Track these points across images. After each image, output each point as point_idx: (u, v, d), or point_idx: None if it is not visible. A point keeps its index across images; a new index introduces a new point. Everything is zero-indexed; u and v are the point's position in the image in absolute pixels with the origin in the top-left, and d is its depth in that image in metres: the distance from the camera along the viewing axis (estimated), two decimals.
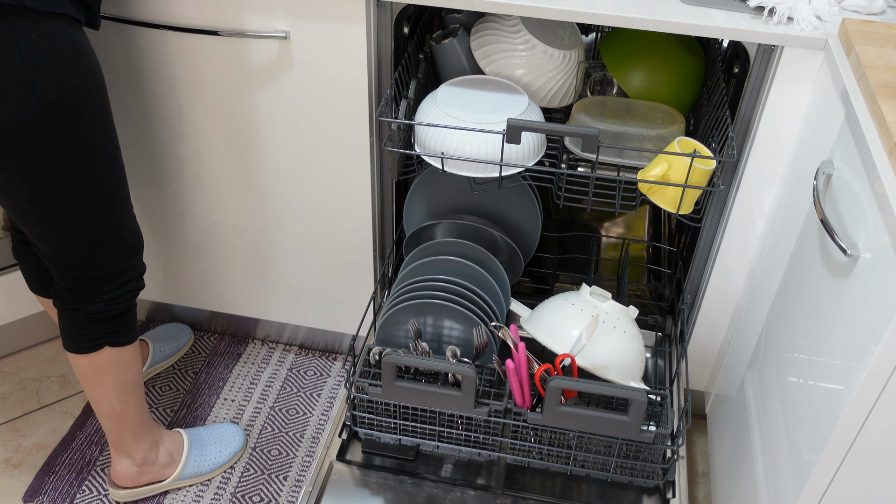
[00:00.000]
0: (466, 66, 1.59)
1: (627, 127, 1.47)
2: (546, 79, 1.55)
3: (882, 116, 1.02)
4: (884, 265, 0.93)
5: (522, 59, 1.54)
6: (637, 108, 1.56)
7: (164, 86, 1.56)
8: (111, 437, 1.54)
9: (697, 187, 1.36)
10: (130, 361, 1.47)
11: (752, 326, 1.47)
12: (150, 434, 1.58)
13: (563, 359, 1.35)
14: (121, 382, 1.46)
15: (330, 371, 1.95)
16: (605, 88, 1.78)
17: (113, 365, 1.44)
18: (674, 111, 1.54)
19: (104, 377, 1.45)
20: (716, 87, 1.54)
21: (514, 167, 1.44)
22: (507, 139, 1.34)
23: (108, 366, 1.43)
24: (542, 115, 1.49)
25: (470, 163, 1.43)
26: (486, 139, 1.40)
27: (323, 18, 1.41)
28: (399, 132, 1.50)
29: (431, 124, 1.41)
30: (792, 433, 1.16)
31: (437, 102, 1.45)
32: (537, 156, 1.48)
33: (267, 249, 1.77)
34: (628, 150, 1.46)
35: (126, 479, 1.59)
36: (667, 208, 1.39)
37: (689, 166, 1.33)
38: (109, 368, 1.44)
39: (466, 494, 1.45)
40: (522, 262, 1.67)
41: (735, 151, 1.36)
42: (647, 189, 1.39)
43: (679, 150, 1.35)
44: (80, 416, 1.81)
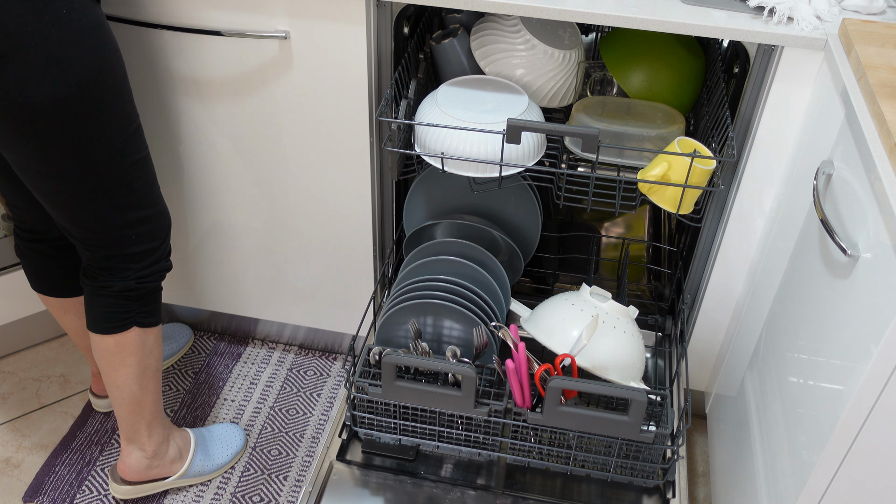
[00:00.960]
0: (466, 66, 1.60)
1: (627, 127, 1.47)
2: (546, 79, 1.56)
3: (882, 116, 1.02)
4: (884, 265, 0.93)
5: (522, 59, 1.54)
6: (637, 108, 1.56)
7: (164, 86, 1.56)
8: (125, 426, 1.54)
9: (697, 187, 1.36)
10: (154, 344, 1.48)
11: (752, 326, 1.47)
12: (163, 426, 1.58)
13: (563, 359, 1.35)
14: (143, 365, 1.47)
15: (330, 371, 1.95)
16: (605, 88, 1.77)
17: (139, 346, 1.44)
18: (674, 111, 1.54)
19: (129, 359, 1.45)
20: (716, 87, 1.54)
21: (514, 167, 1.44)
22: (507, 139, 1.34)
23: (133, 347, 1.44)
24: (542, 115, 1.49)
25: (470, 163, 1.43)
26: (486, 139, 1.40)
27: (323, 18, 1.41)
28: (399, 132, 1.50)
29: (431, 124, 1.41)
30: (792, 433, 1.16)
31: (437, 102, 1.45)
32: (537, 156, 1.48)
33: (267, 249, 1.77)
34: (628, 150, 1.46)
35: (134, 472, 1.58)
36: (667, 208, 1.39)
37: (689, 166, 1.33)
38: (135, 350, 1.44)
39: (466, 494, 1.45)
40: (522, 262, 1.67)
41: (735, 151, 1.36)
42: (647, 189, 1.39)
43: (679, 150, 1.35)
44: (80, 416, 1.81)
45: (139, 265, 1.38)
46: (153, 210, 1.37)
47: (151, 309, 1.44)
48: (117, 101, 1.24)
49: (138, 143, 1.30)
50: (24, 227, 1.51)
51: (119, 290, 1.38)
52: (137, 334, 1.43)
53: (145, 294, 1.41)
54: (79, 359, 1.96)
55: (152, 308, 1.44)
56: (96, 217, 1.30)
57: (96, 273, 1.37)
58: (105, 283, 1.38)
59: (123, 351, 1.44)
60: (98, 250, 1.35)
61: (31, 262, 1.56)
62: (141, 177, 1.32)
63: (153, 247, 1.38)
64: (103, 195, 1.28)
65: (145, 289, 1.40)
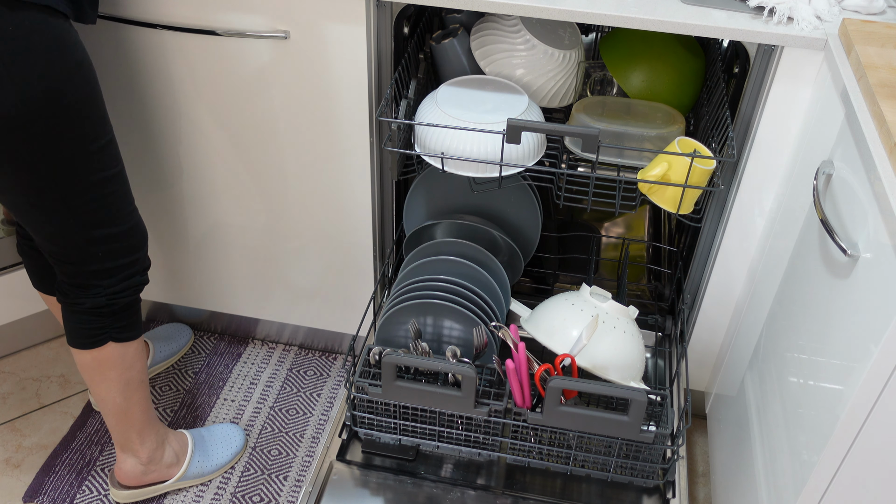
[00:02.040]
0: (466, 66, 1.59)
1: (627, 127, 1.47)
2: (546, 79, 1.55)
3: (882, 116, 1.02)
4: (884, 265, 0.93)
5: (522, 59, 1.54)
6: (637, 108, 1.56)
7: (163, 86, 1.56)
8: (116, 435, 1.54)
9: (697, 187, 1.36)
10: (135, 357, 1.46)
11: (752, 326, 1.47)
12: (156, 433, 1.58)
13: (562, 359, 1.35)
14: (125, 378, 1.46)
15: (330, 371, 1.95)
16: (605, 88, 1.77)
17: (117, 361, 1.43)
18: (674, 111, 1.54)
19: (108, 373, 1.44)
20: (716, 87, 1.54)
21: (514, 167, 1.44)
22: (507, 139, 1.34)
23: (112, 361, 1.43)
24: (542, 115, 1.49)
25: (470, 163, 1.43)
26: (486, 139, 1.40)
27: (323, 18, 1.41)
28: (399, 132, 1.50)
29: (431, 124, 1.41)
30: (792, 433, 1.16)
31: (437, 102, 1.45)
32: (537, 156, 1.48)
33: (267, 249, 1.77)
34: (628, 150, 1.46)
35: (131, 477, 1.59)
36: (667, 208, 1.39)
37: (689, 166, 1.33)
38: (113, 364, 1.43)
39: (466, 494, 1.45)
40: (522, 262, 1.67)
41: (735, 151, 1.36)
42: (647, 189, 1.39)
43: (679, 150, 1.35)
44: (80, 416, 1.80)
45: (110, 281, 1.35)
46: (124, 227, 1.33)
47: (127, 324, 1.41)
48: (76, 119, 1.20)
49: (105, 160, 1.27)
50: None
51: (90, 307, 1.36)
52: (114, 349, 1.41)
53: (119, 310, 1.39)
54: None
55: (128, 323, 1.42)
56: (61, 233, 1.28)
57: (67, 289, 1.36)
58: (76, 300, 1.36)
59: (102, 366, 1.43)
60: (66, 266, 1.33)
61: (32, 260, 1.55)
62: (109, 194, 1.29)
63: (125, 262, 1.35)
64: (65, 212, 1.25)
65: (118, 305, 1.38)
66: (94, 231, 1.30)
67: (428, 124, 1.42)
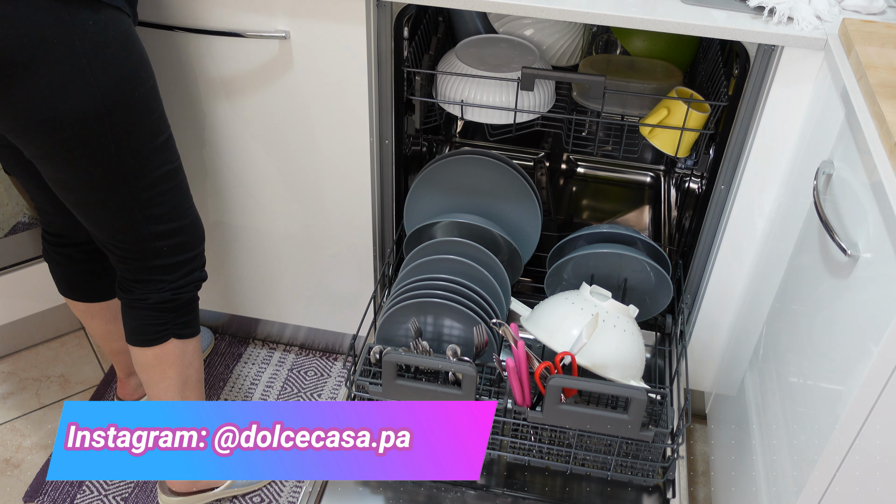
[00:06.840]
0: (480, 26, 1.75)
1: (630, 81, 1.61)
2: (554, 38, 1.69)
3: (882, 116, 1.02)
4: (884, 265, 0.93)
5: (532, 20, 1.70)
6: (639, 64, 1.70)
7: (162, 86, 1.56)
8: None
9: (694, 129, 1.50)
10: (193, 355, 1.46)
11: (752, 326, 1.48)
12: None
13: (563, 357, 1.35)
14: (184, 377, 1.46)
15: (331, 371, 1.95)
16: (609, 49, 1.92)
17: (177, 358, 1.43)
18: (672, 67, 1.67)
19: (169, 371, 1.44)
20: (710, 47, 1.70)
21: (528, 112, 1.58)
22: (522, 86, 1.48)
23: (172, 359, 1.43)
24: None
25: (487, 110, 1.59)
26: (501, 87, 1.56)
27: (323, 18, 1.41)
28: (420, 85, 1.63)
29: (453, 73, 1.57)
30: (792, 433, 1.16)
31: (457, 55, 1.60)
32: (548, 105, 1.62)
33: (267, 249, 1.77)
34: (631, 94, 1.61)
35: (182, 483, 1.57)
36: (666, 151, 1.54)
37: (687, 111, 1.47)
38: (174, 362, 1.43)
39: (466, 494, 1.45)
40: (522, 261, 1.67)
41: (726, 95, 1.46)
42: (647, 133, 1.54)
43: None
44: None
45: (174, 276, 1.36)
46: (185, 221, 1.35)
47: (188, 320, 1.42)
48: (144, 112, 1.23)
49: (170, 154, 1.29)
50: (51, 232, 1.50)
51: (155, 303, 1.37)
52: (176, 346, 1.42)
53: (181, 305, 1.39)
54: (79, 359, 1.96)
55: (189, 319, 1.43)
56: (127, 228, 1.29)
57: (131, 286, 1.36)
58: (140, 296, 1.36)
59: (163, 363, 1.42)
60: (131, 262, 1.33)
61: (59, 266, 1.54)
62: (173, 187, 1.31)
63: (188, 257, 1.37)
64: (133, 206, 1.27)
65: (181, 300, 1.39)
66: (160, 226, 1.31)
67: (450, 73, 1.58)
